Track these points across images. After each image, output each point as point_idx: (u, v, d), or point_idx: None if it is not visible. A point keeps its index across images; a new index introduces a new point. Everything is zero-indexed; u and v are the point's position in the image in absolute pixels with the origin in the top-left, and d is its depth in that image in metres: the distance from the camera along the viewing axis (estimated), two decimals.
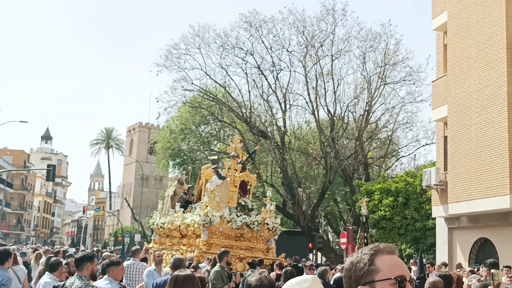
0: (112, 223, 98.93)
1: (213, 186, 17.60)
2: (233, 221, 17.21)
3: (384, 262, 2.08)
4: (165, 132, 51.48)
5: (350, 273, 2.12)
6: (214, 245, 16.76)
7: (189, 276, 4.33)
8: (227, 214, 17.25)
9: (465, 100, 19.44)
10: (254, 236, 17.74)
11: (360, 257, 2.11)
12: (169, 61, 35.49)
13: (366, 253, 2.11)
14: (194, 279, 4.33)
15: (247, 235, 17.58)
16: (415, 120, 40.63)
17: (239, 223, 17.29)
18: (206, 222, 16.87)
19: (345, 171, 35.30)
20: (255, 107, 36.79)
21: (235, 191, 18.55)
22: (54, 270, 8.67)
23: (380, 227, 27.25)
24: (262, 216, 18.03)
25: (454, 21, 20.67)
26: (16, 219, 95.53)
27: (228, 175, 18.37)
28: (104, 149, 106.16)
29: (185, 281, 4.25)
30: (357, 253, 2.15)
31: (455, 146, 19.83)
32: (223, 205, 17.33)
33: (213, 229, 16.97)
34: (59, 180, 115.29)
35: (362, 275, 2.08)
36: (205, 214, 17.03)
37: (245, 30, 35.00)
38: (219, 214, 17.02)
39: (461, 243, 20.63)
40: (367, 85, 34.79)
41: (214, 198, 17.34)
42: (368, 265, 2.08)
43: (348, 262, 2.14)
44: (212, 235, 17.00)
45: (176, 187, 21.82)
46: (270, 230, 18.03)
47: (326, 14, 34.14)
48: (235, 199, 18.41)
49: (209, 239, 16.88)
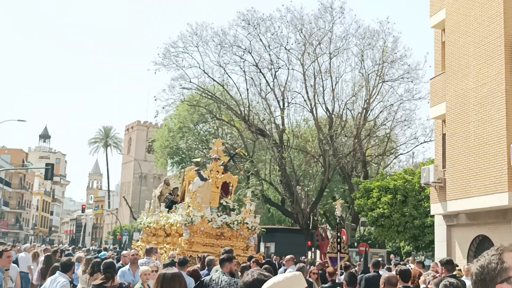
0: (111, 221, 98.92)
1: (195, 187, 18.34)
2: (213, 220, 17.96)
3: None
4: (163, 130, 51.47)
5: (483, 275, 2.25)
6: (196, 243, 17.60)
7: (176, 274, 4.34)
8: (209, 214, 17.99)
9: (464, 98, 19.44)
10: (234, 235, 18.47)
11: (489, 259, 2.26)
12: (167, 59, 35.49)
13: (494, 253, 2.26)
14: (182, 277, 4.36)
15: (227, 234, 18.34)
16: (413, 118, 40.61)
17: (219, 222, 18.03)
18: (187, 222, 17.64)
19: (343, 169, 35.32)
20: (253, 105, 36.80)
21: (217, 192, 19.29)
22: (67, 270, 8.73)
23: (379, 225, 27.28)
24: (242, 216, 18.70)
25: (452, 19, 20.67)
26: (15, 218, 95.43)
27: (210, 176, 19.11)
28: (102, 147, 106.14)
29: (172, 280, 4.26)
30: (484, 256, 2.29)
31: (454, 143, 19.83)
32: (204, 205, 18.10)
33: (194, 228, 17.74)
34: (57, 179, 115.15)
35: (497, 274, 2.22)
36: (187, 214, 17.76)
37: (243, 28, 35.02)
38: (200, 214, 17.76)
39: (459, 240, 20.64)
40: (365, 83, 34.81)
41: (196, 199, 18.07)
42: (500, 264, 2.22)
43: (477, 266, 2.28)
44: (193, 234, 17.77)
45: (162, 188, 22.53)
46: (249, 229, 18.73)
47: (324, 12, 34.16)
48: (217, 200, 19.17)
49: (190, 238, 17.65)
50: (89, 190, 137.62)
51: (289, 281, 3.12)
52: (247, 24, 34.68)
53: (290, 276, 3.17)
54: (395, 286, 7.52)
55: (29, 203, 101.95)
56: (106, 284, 7.91)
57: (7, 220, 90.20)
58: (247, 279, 3.53)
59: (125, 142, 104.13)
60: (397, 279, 7.76)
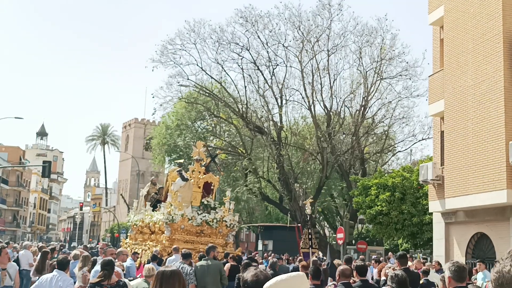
0: (108, 219, 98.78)
1: (176, 187, 19.44)
2: (193, 219, 19.00)
3: None
4: (161, 128, 51.38)
5: (501, 280, 2.34)
6: (176, 240, 18.55)
7: (175, 272, 4.30)
8: (189, 212, 19.02)
9: (462, 95, 19.41)
10: (213, 232, 19.55)
11: (503, 263, 2.36)
12: (164, 56, 35.40)
13: (507, 257, 2.37)
14: (181, 275, 4.31)
15: (207, 231, 19.42)
16: (411, 115, 40.78)
17: (199, 220, 19.09)
18: (169, 220, 18.71)
19: (341, 167, 35.29)
20: (251, 103, 36.73)
21: (199, 191, 20.32)
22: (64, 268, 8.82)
23: (377, 222, 27.25)
24: (221, 214, 19.73)
25: (450, 16, 20.63)
26: (12, 215, 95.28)
27: (192, 177, 20.16)
28: (99, 145, 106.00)
29: (171, 277, 4.22)
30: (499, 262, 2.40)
31: (452, 140, 19.81)
32: (185, 204, 19.14)
33: (175, 226, 18.78)
34: (54, 176, 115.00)
35: None
36: (168, 213, 18.81)
37: (241, 25, 34.94)
38: (181, 212, 18.78)
39: (458, 238, 20.63)
40: (364, 80, 34.76)
41: (177, 198, 19.11)
42: None
43: (494, 272, 2.38)
44: (174, 231, 18.81)
45: (149, 187, 23.52)
46: (228, 227, 19.79)
47: (322, 9, 34.10)
48: (199, 199, 20.17)
49: (171, 235, 18.68)
50: (87, 188, 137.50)
51: (292, 280, 3.12)
52: (245, 21, 34.62)
53: (294, 275, 3.18)
54: (348, 277, 8.32)
55: (26, 200, 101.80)
56: (104, 281, 7.90)
57: (4, 218, 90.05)
58: (247, 277, 3.49)
59: (123, 139, 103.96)
60: (350, 271, 8.61)
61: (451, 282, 5.83)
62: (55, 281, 8.55)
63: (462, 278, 5.82)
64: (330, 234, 48.98)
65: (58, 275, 8.65)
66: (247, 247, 63.40)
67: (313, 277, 9.00)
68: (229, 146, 37.95)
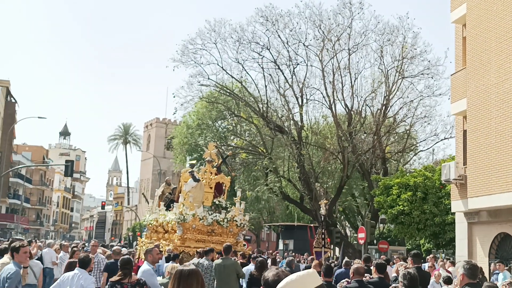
0: (130, 218, 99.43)
1: (188, 188, 19.98)
2: (205, 218, 19.52)
3: None
4: (182, 127, 51.60)
5: None
6: (188, 239, 19.23)
7: (193, 271, 4.28)
8: (201, 212, 19.53)
9: (485, 94, 19.18)
10: (224, 232, 20.05)
11: None
12: (185, 56, 35.44)
13: None
14: (199, 274, 4.29)
15: (218, 230, 19.94)
16: (433, 114, 40.17)
17: (210, 220, 19.63)
18: (180, 220, 19.26)
19: (362, 166, 35.08)
20: (272, 102, 36.66)
21: (210, 192, 20.92)
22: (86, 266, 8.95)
23: (399, 222, 27.07)
24: (231, 214, 20.20)
25: (473, 14, 20.39)
26: (36, 214, 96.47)
27: (203, 178, 20.75)
28: (121, 144, 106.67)
29: (189, 276, 4.20)
30: None
31: (475, 140, 19.59)
32: (196, 204, 19.63)
33: (186, 225, 19.32)
34: (77, 175, 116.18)
35: None
36: (180, 213, 19.36)
37: (261, 24, 34.86)
38: (192, 212, 19.33)
39: (481, 238, 20.40)
40: (385, 79, 34.48)
41: (188, 199, 19.71)
42: None
43: None
44: (186, 231, 19.35)
45: (164, 188, 24.14)
46: (238, 226, 20.24)
47: (343, 7, 33.88)
48: (210, 199, 20.77)
49: (183, 235, 19.26)
50: (109, 187, 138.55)
51: (303, 279, 3.10)
52: (265, 20, 34.55)
53: (303, 274, 3.16)
54: (362, 275, 8.83)
55: (49, 199, 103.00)
56: (123, 280, 7.99)
57: (28, 216, 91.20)
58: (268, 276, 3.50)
59: (144, 139, 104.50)
60: (364, 269, 9.18)
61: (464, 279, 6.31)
62: (76, 279, 8.64)
63: (475, 276, 6.31)
64: (352, 234, 48.75)
65: (79, 273, 8.75)
66: (268, 247, 63.44)
67: (325, 275, 9.26)
68: (249, 145, 37.93)
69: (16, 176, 78.88)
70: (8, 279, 7.89)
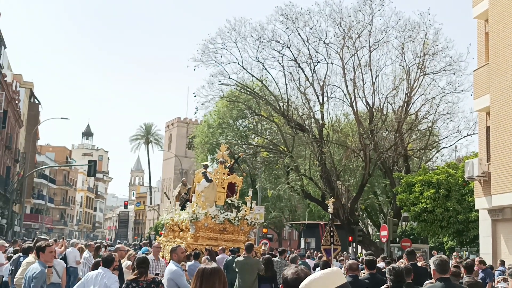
0: (153, 217, 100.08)
1: (201, 188, 20.51)
2: (216, 217, 19.96)
3: None
4: (203, 126, 51.74)
5: None
6: (201, 237, 19.80)
7: (216, 269, 4.29)
8: (213, 211, 20.00)
9: (508, 89, 18.95)
10: (235, 230, 20.50)
11: None
12: (206, 55, 35.50)
13: None
14: (221, 272, 4.31)
15: (229, 229, 20.38)
16: (456, 111, 39.76)
17: (221, 219, 20.07)
18: (193, 218, 19.75)
19: (384, 164, 34.87)
20: (292, 100, 36.57)
21: (223, 191, 21.46)
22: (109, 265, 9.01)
23: (422, 220, 26.87)
24: (242, 213, 20.62)
25: (495, 9, 20.16)
26: (59, 214, 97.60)
27: (216, 178, 21.34)
28: (143, 144, 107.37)
29: (212, 274, 4.22)
30: None
31: (498, 136, 19.37)
32: (209, 204, 20.13)
33: (199, 224, 19.83)
34: (100, 175, 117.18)
35: None
36: (193, 212, 19.87)
37: (281, 23, 34.79)
38: (204, 211, 19.83)
39: (505, 235, 20.17)
40: (406, 76, 34.20)
41: (201, 198, 20.30)
42: None
43: None
44: (198, 229, 19.88)
45: (180, 188, 24.79)
46: (249, 225, 20.69)
47: (363, 4, 33.68)
48: (223, 199, 21.30)
49: (196, 233, 19.79)
50: (131, 187, 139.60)
51: (327, 276, 3.08)
52: (285, 18, 34.47)
53: (328, 272, 3.14)
54: (356, 270, 9.13)
55: (73, 199, 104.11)
56: (139, 278, 8.08)
57: (52, 216, 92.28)
58: (287, 275, 3.49)
59: (166, 138, 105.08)
60: (357, 265, 9.52)
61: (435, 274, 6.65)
62: (100, 278, 8.73)
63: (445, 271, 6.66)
64: (374, 232, 48.49)
65: (103, 272, 8.83)
66: (290, 245, 63.42)
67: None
68: (270, 144, 37.92)
69: (40, 177, 79.86)
70: (34, 278, 7.98)
